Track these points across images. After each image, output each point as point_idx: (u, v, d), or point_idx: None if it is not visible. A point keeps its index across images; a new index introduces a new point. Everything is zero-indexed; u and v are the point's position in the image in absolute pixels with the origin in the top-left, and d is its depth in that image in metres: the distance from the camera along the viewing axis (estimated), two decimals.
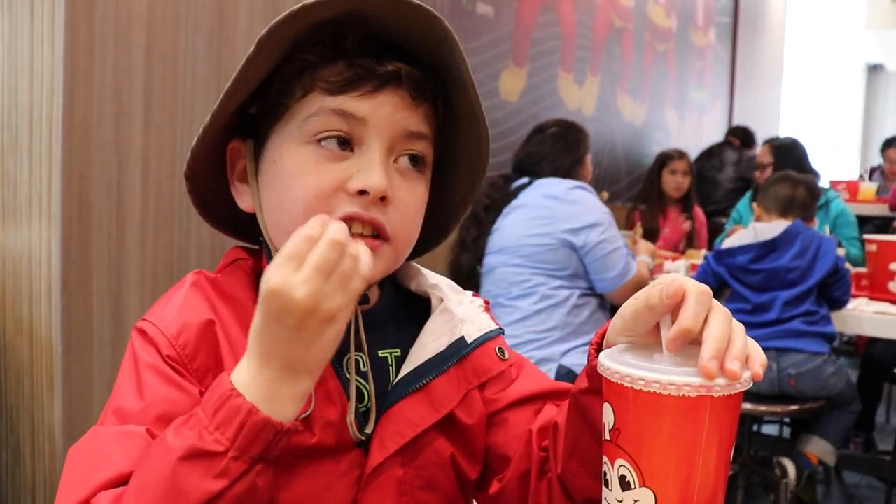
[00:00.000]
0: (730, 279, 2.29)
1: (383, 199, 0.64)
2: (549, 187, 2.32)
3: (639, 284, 2.32)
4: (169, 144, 1.92)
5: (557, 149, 2.44)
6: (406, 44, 0.66)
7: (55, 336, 1.72)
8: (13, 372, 1.84)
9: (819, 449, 2.36)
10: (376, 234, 0.66)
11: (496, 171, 2.59)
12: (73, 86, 1.71)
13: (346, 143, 0.65)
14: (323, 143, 0.65)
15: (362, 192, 0.63)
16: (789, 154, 3.37)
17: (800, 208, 2.33)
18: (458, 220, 0.79)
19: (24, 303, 1.80)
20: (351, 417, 0.66)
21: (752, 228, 2.32)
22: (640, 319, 0.57)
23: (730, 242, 2.35)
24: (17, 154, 1.81)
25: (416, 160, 0.68)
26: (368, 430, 0.67)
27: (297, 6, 0.60)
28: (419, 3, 0.62)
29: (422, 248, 0.79)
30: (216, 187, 0.73)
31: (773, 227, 2.28)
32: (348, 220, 0.63)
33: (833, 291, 2.24)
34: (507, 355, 0.76)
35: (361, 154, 0.65)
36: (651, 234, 3.56)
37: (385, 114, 0.65)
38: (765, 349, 2.26)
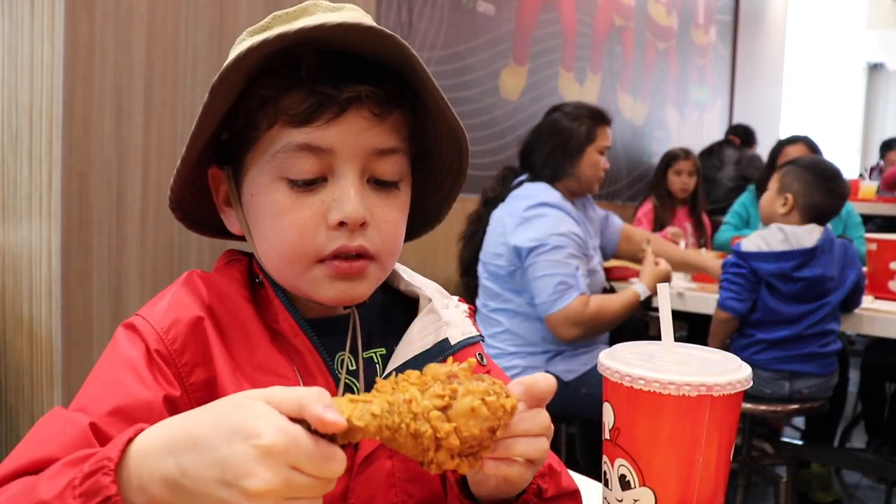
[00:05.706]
0: (763, 288, 2.13)
1: (362, 224, 0.66)
2: (515, 202, 2.16)
3: (578, 321, 2.02)
4: (169, 142, 1.92)
5: (544, 138, 2.22)
6: (365, 53, 0.65)
7: (55, 334, 1.72)
8: (13, 370, 1.84)
9: None
10: (360, 255, 0.67)
11: (495, 169, 2.57)
12: (73, 83, 1.71)
13: (318, 177, 0.66)
14: (295, 179, 0.65)
15: (342, 223, 0.65)
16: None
17: (829, 219, 2.19)
18: (444, 214, 0.80)
19: (24, 301, 1.79)
20: None
21: (781, 231, 2.14)
22: None
23: (753, 245, 2.15)
24: (17, 152, 1.80)
25: (384, 184, 0.68)
26: None
27: (243, 50, 0.60)
28: (369, 25, 0.61)
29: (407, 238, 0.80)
30: (204, 202, 0.75)
31: (809, 232, 2.13)
32: (336, 255, 0.66)
33: (856, 299, 2.22)
34: (485, 361, 0.78)
35: (335, 182, 0.66)
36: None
37: (352, 139, 0.65)
38: (778, 370, 2.25)
